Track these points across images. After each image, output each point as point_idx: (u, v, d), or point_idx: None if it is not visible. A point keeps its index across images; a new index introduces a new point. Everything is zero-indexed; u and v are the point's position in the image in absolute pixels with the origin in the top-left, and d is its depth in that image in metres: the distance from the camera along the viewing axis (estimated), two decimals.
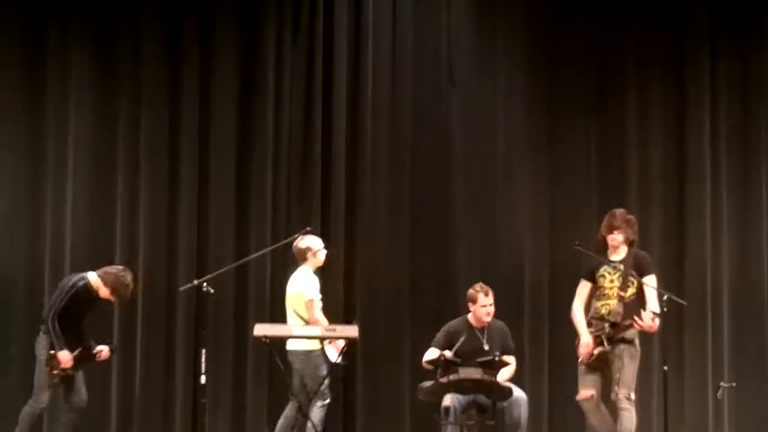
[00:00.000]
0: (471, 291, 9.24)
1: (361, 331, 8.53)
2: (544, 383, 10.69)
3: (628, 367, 8.34)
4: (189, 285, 8.88)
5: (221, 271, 9.30)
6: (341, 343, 8.92)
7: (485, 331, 9.21)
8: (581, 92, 11.27)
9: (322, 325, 8.87)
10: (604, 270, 8.54)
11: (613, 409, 8.55)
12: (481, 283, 9.27)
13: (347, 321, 9.36)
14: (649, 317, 8.24)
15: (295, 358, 9.12)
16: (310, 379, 9.06)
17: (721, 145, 11.24)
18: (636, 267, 8.49)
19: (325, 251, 9.39)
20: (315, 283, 9.22)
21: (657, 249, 11.02)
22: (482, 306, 9.15)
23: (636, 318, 8.25)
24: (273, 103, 11.05)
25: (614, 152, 11.26)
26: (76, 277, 9.11)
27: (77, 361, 8.93)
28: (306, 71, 11.10)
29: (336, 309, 10.61)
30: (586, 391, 8.41)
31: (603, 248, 8.69)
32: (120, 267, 9.27)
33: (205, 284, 8.46)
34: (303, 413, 8.54)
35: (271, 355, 8.98)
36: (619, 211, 8.71)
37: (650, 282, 8.50)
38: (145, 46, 11.00)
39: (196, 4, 11.04)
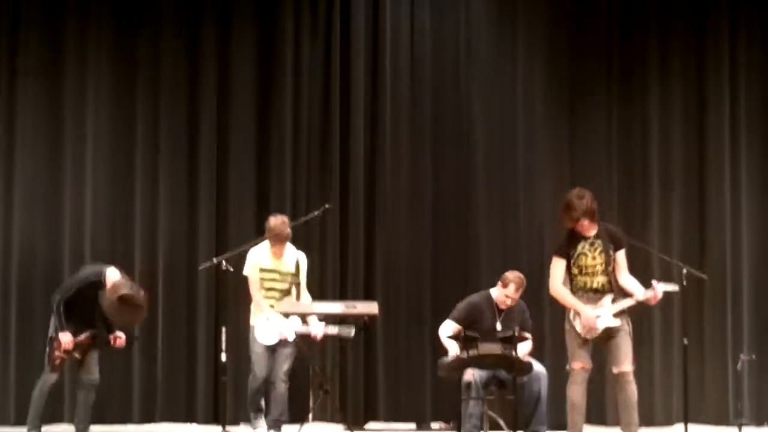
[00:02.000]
0: (509, 275, 9.28)
1: (381, 308, 8.53)
2: (563, 359, 10.64)
3: (628, 340, 8.19)
4: (208, 263, 8.93)
5: (241, 249, 9.33)
6: (288, 328, 8.96)
7: (504, 311, 9.25)
8: (602, 70, 11.24)
9: (258, 303, 9.08)
10: (581, 248, 8.25)
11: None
12: (521, 276, 9.30)
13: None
14: (661, 290, 8.16)
15: None
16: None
17: (740, 123, 11.21)
18: (612, 241, 8.27)
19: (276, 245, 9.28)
20: (251, 258, 9.29)
21: (677, 224, 11.04)
22: (507, 295, 9.22)
23: (648, 292, 8.15)
24: (292, 82, 11.07)
25: (635, 130, 11.21)
26: (93, 270, 9.11)
27: (84, 345, 8.97)
28: (324, 51, 11.11)
29: (355, 289, 10.70)
30: (585, 362, 8.28)
31: (568, 245, 8.33)
32: (136, 287, 8.98)
33: (224, 262, 8.49)
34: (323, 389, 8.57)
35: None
36: (574, 196, 8.21)
37: (622, 254, 8.31)
38: (165, 36, 11.07)
39: None
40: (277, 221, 9.19)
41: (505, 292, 9.22)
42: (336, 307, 8.31)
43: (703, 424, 10.52)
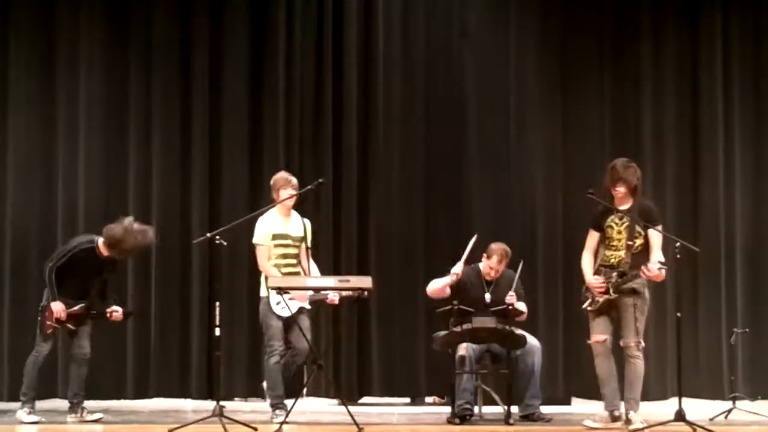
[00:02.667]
0: (492, 246, 9.34)
1: (375, 283, 8.52)
2: (558, 333, 10.70)
3: (637, 317, 8.37)
4: (202, 238, 8.90)
5: (234, 223, 9.30)
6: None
7: (492, 282, 9.26)
8: (595, 43, 11.21)
9: (267, 273, 8.88)
10: (611, 220, 8.52)
11: (620, 357, 8.60)
12: (504, 247, 9.35)
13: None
14: (656, 266, 8.23)
15: None
16: (262, 326, 9.12)
17: (734, 96, 11.19)
18: (642, 217, 8.45)
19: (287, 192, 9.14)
20: (261, 225, 9.15)
21: (671, 198, 11.04)
22: (490, 266, 9.27)
23: (643, 267, 8.23)
24: (284, 56, 11.04)
25: (628, 103, 11.20)
26: (85, 238, 9.18)
27: (77, 316, 9.01)
28: (317, 23, 11.09)
29: (348, 263, 10.69)
30: (600, 335, 8.48)
31: (609, 201, 8.63)
32: (126, 222, 9.14)
33: (218, 237, 8.46)
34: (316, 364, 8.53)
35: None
36: (620, 162, 8.64)
37: (655, 233, 8.48)
38: (158, 7, 11.05)
39: None
40: (282, 173, 9.20)
41: (488, 264, 9.27)
42: (329, 282, 8.29)
43: (697, 398, 10.53)
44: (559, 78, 11.17)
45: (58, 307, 8.90)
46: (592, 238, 8.65)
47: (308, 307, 8.97)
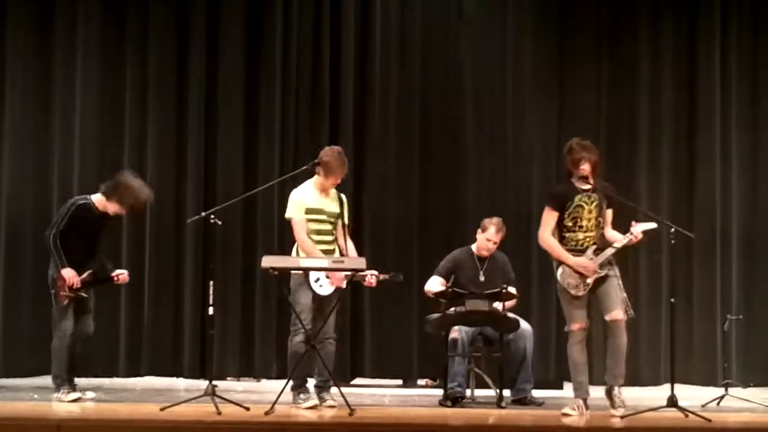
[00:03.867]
0: (486, 220, 9.33)
1: (369, 265, 8.49)
2: (551, 316, 10.68)
3: (618, 287, 8.14)
4: (196, 217, 8.87)
5: (229, 203, 9.27)
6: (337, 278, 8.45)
7: (486, 262, 9.26)
8: (592, 26, 11.19)
9: (305, 247, 8.41)
10: (580, 200, 8.20)
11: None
12: (499, 219, 9.34)
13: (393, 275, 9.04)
14: (639, 229, 8.14)
15: None
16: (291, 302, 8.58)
17: (731, 83, 11.17)
18: (609, 193, 8.32)
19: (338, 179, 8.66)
20: (294, 198, 8.66)
21: (667, 184, 11.03)
22: (488, 239, 9.23)
23: (633, 232, 8.12)
24: (282, 37, 11.04)
25: (625, 86, 11.18)
26: (79, 197, 9.07)
27: (87, 283, 8.85)
28: (314, 8, 11.05)
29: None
30: (583, 321, 8.23)
31: (563, 198, 8.24)
32: (125, 173, 9.13)
33: (212, 216, 8.42)
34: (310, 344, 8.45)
35: (279, 287, 8.96)
36: (576, 141, 8.30)
37: (609, 214, 8.33)
38: None
39: None
40: (339, 154, 8.60)
41: (485, 236, 9.25)
42: (323, 263, 8.25)
43: (690, 384, 10.53)
44: (557, 61, 11.16)
45: (69, 273, 8.69)
46: (553, 217, 8.22)
47: (343, 287, 8.52)
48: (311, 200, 8.56)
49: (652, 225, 8.29)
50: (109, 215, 9.00)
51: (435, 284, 9.23)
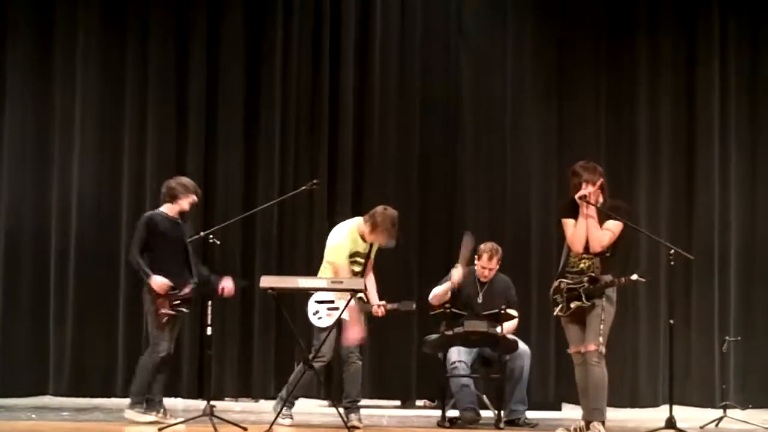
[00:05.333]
0: (482, 246, 9.29)
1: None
2: (551, 336, 10.68)
3: (604, 320, 7.89)
4: (195, 236, 8.85)
5: (228, 222, 9.28)
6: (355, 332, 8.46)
7: (485, 284, 9.25)
8: (591, 44, 11.23)
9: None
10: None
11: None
12: (494, 246, 9.30)
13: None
14: (633, 280, 8.04)
15: None
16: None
17: (730, 102, 11.20)
18: (610, 213, 8.07)
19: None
20: (342, 245, 8.66)
21: (665, 204, 11.04)
22: (482, 266, 9.23)
23: (622, 278, 8.02)
24: (281, 56, 11.06)
25: (623, 104, 11.21)
26: (147, 212, 8.95)
27: (188, 299, 8.62)
28: (314, 23, 11.09)
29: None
30: (578, 344, 8.15)
31: (575, 206, 8.09)
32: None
33: (211, 236, 8.43)
34: (308, 365, 8.45)
35: (278, 307, 8.95)
36: (579, 164, 8.17)
37: (612, 226, 8.01)
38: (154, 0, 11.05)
39: None
40: (390, 212, 8.64)
41: (480, 264, 9.25)
42: (322, 283, 8.25)
43: (688, 406, 10.52)
44: (555, 79, 11.18)
45: (160, 281, 8.43)
46: (570, 225, 8.05)
47: (347, 319, 8.44)
48: (354, 244, 8.67)
49: (643, 279, 8.20)
50: (183, 223, 8.82)
51: (438, 288, 9.17)
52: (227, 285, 8.80)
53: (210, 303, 8.42)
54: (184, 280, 8.63)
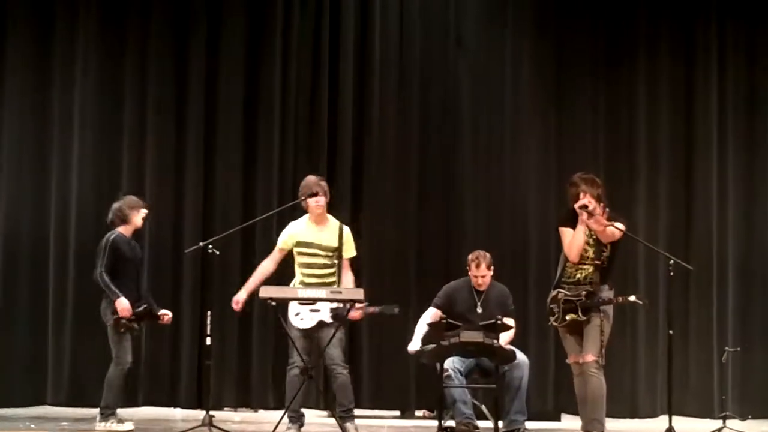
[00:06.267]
0: (470, 256, 9.27)
1: (366, 293, 8.48)
2: (549, 346, 10.67)
3: (599, 334, 7.93)
4: (195, 247, 8.88)
5: (227, 233, 9.30)
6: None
7: (483, 294, 9.23)
8: (590, 55, 11.23)
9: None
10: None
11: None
12: (479, 252, 9.26)
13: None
14: (631, 301, 8.04)
15: None
16: None
17: (728, 111, 11.20)
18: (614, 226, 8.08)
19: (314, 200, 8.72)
20: (287, 230, 8.83)
21: (663, 215, 11.04)
22: (474, 276, 9.22)
23: (620, 297, 8.02)
24: (280, 65, 11.07)
25: (622, 116, 11.21)
26: (108, 234, 9.12)
27: (141, 317, 8.94)
28: (313, 32, 11.11)
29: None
30: (577, 355, 8.15)
31: (574, 216, 8.13)
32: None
33: (210, 246, 8.44)
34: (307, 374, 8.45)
35: (277, 317, 8.95)
36: (577, 175, 8.22)
37: (620, 226, 8.07)
38: (154, 4, 11.08)
39: None
40: (311, 177, 8.77)
41: (472, 274, 9.23)
42: (320, 293, 8.24)
43: (687, 417, 10.51)
44: (554, 90, 11.19)
45: (123, 304, 8.78)
46: (569, 233, 8.11)
47: (329, 321, 8.53)
48: (303, 233, 8.67)
49: (640, 301, 8.21)
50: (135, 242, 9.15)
51: (427, 317, 9.18)
52: (167, 314, 9.18)
53: (209, 313, 8.44)
54: (138, 299, 8.98)
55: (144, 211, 9.19)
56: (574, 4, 11.22)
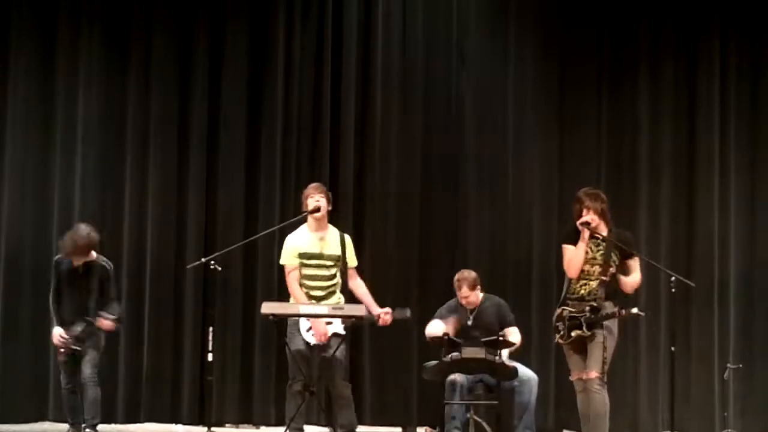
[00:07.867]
0: (456, 276, 9.32)
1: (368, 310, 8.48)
2: (551, 362, 10.66)
3: (603, 350, 7.93)
4: (197, 263, 8.86)
5: (229, 249, 9.29)
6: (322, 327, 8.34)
7: (475, 310, 9.23)
8: (592, 73, 11.24)
9: (295, 298, 8.43)
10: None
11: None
12: (460, 274, 9.30)
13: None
14: (633, 313, 8.05)
15: None
16: None
17: (731, 129, 11.20)
18: (619, 249, 8.13)
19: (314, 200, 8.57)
20: (288, 244, 8.64)
21: (666, 231, 11.04)
22: (461, 297, 9.28)
23: (623, 310, 8.02)
24: (282, 82, 11.06)
25: (625, 134, 11.22)
26: (56, 256, 9.24)
27: (82, 339, 8.93)
28: (316, 49, 11.11)
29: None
30: (580, 372, 8.14)
31: (578, 233, 8.14)
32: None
33: (212, 262, 8.43)
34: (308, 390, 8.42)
35: (279, 334, 8.95)
36: (583, 191, 8.24)
37: (635, 264, 8.19)
38: (156, 21, 11.06)
39: None
40: (314, 183, 8.76)
41: (460, 295, 9.23)
42: (322, 309, 8.22)
43: None
44: (557, 105, 11.20)
45: (55, 333, 8.91)
46: (571, 251, 8.14)
47: (342, 332, 8.43)
48: (305, 244, 8.54)
49: (642, 313, 8.22)
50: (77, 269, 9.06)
51: (436, 327, 9.17)
52: (103, 321, 9.04)
53: (211, 329, 8.43)
54: (78, 323, 8.96)
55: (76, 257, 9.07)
56: (578, 23, 11.23)
